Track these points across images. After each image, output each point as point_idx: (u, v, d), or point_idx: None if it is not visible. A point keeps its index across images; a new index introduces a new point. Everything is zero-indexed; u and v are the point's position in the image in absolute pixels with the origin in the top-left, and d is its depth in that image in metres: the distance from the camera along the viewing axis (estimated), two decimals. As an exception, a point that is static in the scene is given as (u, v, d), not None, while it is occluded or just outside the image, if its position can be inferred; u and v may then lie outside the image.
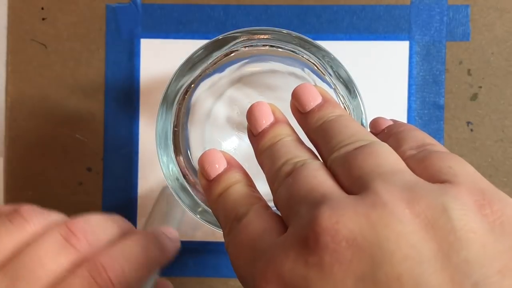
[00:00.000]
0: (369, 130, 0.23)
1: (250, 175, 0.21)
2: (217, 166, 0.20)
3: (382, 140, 0.19)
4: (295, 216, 0.16)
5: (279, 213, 0.18)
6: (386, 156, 0.16)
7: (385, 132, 0.21)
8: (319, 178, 0.17)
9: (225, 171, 0.20)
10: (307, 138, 0.21)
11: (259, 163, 0.20)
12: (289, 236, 0.15)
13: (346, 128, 0.18)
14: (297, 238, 0.15)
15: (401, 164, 0.16)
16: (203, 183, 0.21)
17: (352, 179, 0.16)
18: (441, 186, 0.15)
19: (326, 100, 0.20)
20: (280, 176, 0.18)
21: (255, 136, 0.21)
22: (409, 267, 0.13)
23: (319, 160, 0.19)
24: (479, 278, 0.13)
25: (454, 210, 0.14)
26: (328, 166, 0.18)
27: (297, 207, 0.16)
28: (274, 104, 0.21)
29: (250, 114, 0.21)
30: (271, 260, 0.15)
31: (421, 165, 0.17)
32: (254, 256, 0.16)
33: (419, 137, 0.19)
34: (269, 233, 0.17)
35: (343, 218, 0.14)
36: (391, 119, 0.22)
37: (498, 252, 0.14)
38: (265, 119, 0.20)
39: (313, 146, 0.20)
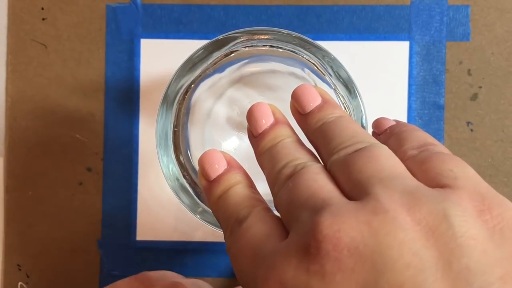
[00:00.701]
0: (370, 130, 0.23)
1: (250, 176, 0.21)
2: (217, 167, 0.20)
3: (384, 140, 0.19)
4: (296, 221, 0.16)
5: (279, 215, 0.18)
6: (386, 159, 0.16)
7: (387, 132, 0.21)
8: (319, 182, 0.17)
9: (226, 172, 0.20)
10: (307, 139, 0.20)
11: (259, 164, 0.20)
12: (291, 243, 0.15)
13: (346, 130, 0.18)
14: (298, 245, 0.15)
15: (401, 168, 0.16)
16: (203, 184, 0.21)
17: (352, 184, 0.16)
18: (441, 191, 0.15)
19: (325, 101, 0.20)
20: (281, 179, 0.18)
21: (255, 137, 0.20)
22: (412, 275, 0.13)
23: (320, 162, 0.19)
24: (480, 285, 0.13)
25: (455, 217, 0.14)
26: (328, 169, 0.18)
27: (298, 212, 0.16)
28: (274, 104, 0.21)
29: (250, 115, 0.21)
30: (273, 267, 0.15)
31: (421, 167, 0.16)
32: (255, 262, 0.16)
33: (421, 137, 0.19)
34: (271, 238, 0.17)
35: (344, 226, 0.14)
36: (394, 119, 0.22)
37: (499, 259, 0.14)
38: (265, 120, 0.20)
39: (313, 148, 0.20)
